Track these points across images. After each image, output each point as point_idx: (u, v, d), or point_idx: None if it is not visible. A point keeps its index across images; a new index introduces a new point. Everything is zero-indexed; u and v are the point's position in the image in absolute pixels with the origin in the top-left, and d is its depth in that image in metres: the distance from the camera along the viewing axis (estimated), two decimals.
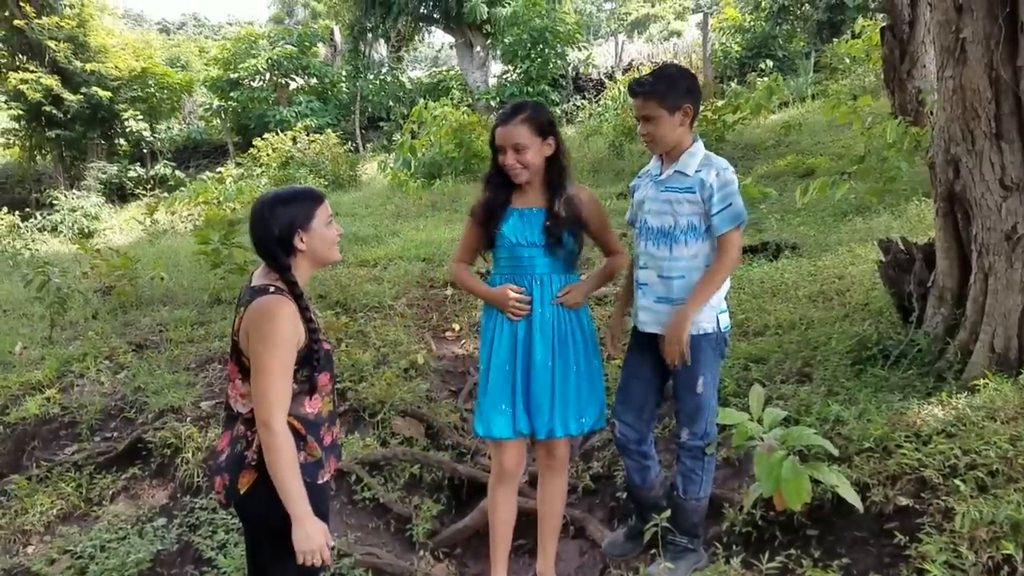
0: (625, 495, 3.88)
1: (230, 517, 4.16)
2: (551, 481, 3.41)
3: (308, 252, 2.52)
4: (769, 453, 2.93)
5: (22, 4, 20.13)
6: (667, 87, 2.96)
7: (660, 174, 3.10)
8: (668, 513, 3.12)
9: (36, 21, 20.03)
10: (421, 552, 3.91)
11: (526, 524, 3.62)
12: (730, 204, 2.94)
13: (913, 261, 4.28)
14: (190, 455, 4.63)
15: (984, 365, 3.68)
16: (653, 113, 2.98)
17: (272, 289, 2.45)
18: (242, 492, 2.48)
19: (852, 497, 2.89)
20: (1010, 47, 3.53)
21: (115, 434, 5.21)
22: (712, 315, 3.06)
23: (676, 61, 21.44)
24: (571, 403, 3.22)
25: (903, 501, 3.05)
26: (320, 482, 2.56)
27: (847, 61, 16.40)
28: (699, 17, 24.60)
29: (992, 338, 3.70)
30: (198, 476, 4.52)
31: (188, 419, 4.97)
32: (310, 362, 2.49)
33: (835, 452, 3.01)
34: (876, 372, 4.01)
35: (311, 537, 2.40)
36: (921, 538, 2.85)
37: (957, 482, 2.97)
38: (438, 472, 4.38)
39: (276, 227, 2.46)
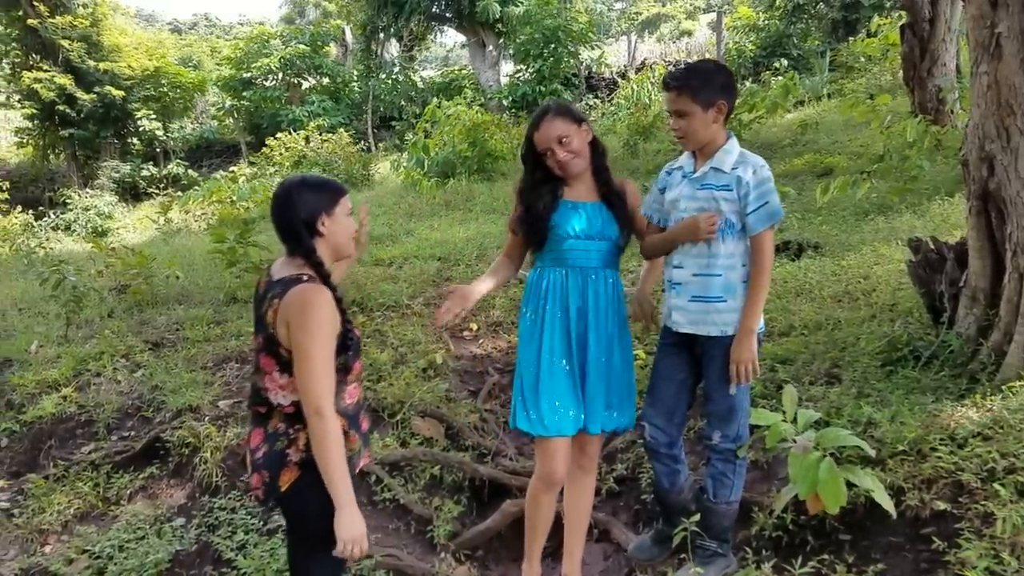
0: (651, 498, 3.82)
1: (250, 517, 4.13)
2: (581, 480, 3.34)
3: (329, 239, 2.53)
4: (805, 454, 2.87)
5: (36, 3, 20.20)
6: (701, 82, 2.89)
7: (694, 171, 3.02)
8: (697, 517, 3.05)
9: (50, 20, 20.11)
10: (442, 554, 3.85)
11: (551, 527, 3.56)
12: (766, 202, 2.87)
13: (944, 260, 4.20)
14: (208, 454, 4.59)
15: (1019, 367, 3.61)
16: (686, 108, 2.91)
17: (305, 278, 2.45)
18: (283, 490, 2.48)
19: (887, 503, 2.83)
20: None
21: (132, 433, 5.17)
22: None
23: (688, 61, 21.37)
24: (615, 399, 3.18)
25: (940, 505, 2.99)
26: (354, 474, 2.54)
27: (863, 60, 16.30)
28: (710, 17, 24.55)
29: None
30: (217, 476, 4.48)
31: (206, 418, 4.93)
32: (345, 348, 2.49)
33: (872, 453, 2.94)
34: (907, 373, 3.93)
35: (355, 525, 2.40)
36: (960, 543, 2.79)
37: (996, 486, 2.90)
38: (459, 473, 4.32)
39: (302, 209, 2.48)
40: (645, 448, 3.33)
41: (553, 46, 19.69)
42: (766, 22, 20.25)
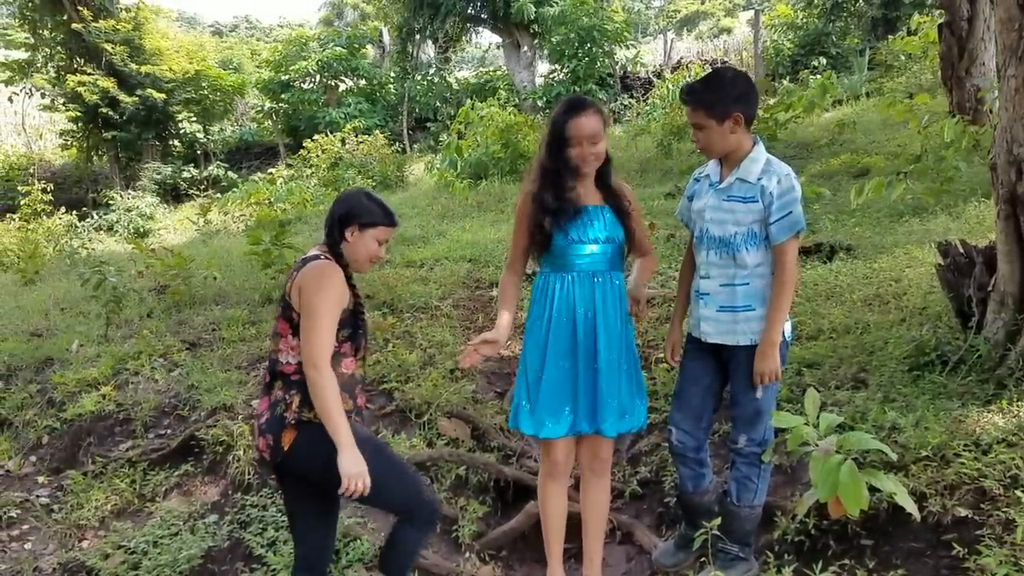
0: (675, 501, 3.84)
1: (280, 515, 4.20)
2: (595, 483, 3.39)
3: (350, 247, 2.87)
4: (826, 457, 2.87)
5: (80, 8, 20.60)
6: (714, 97, 2.90)
7: (720, 181, 3.04)
8: (719, 520, 3.07)
9: (93, 24, 20.48)
10: (467, 554, 3.90)
11: (571, 529, 3.59)
12: (789, 212, 2.88)
13: (973, 264, 4.17)
14: (241, 452, 4.68)
15: None
16: (702, 122, 2.94)
17: (323, 256, 2.83)
18: (286, 450, 2.78)
19: (910, 505, 2.82)
20: None
21: (168, 431, 5.30)
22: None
23: (729, 61, 21.23)
24: (627, 400, 3.23)
25: (962, 512, 2.98)
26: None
27: (903, 58, 16.08)
28: (749, 14, 24.34)
29: None
30: (249, 473, 4.57)
31: (240, 417, 5.03)
32: (354, 326, 2.84)
33: (894, 457, 2.94)
34: (934, 378, 3.91)
35: (356, 463, 2.68)
36: (980, 550, 2.78)
37: (1019, 493, 2.89)
38: (484, 474, 4.37)
39: (345, 209, 2.86)
40: (671, 451, 3.36)
41: (588, 46, 19.69)
42: (804, 20, 20.04)
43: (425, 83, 23.55)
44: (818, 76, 13.72)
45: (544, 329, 3.17)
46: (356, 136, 18.59)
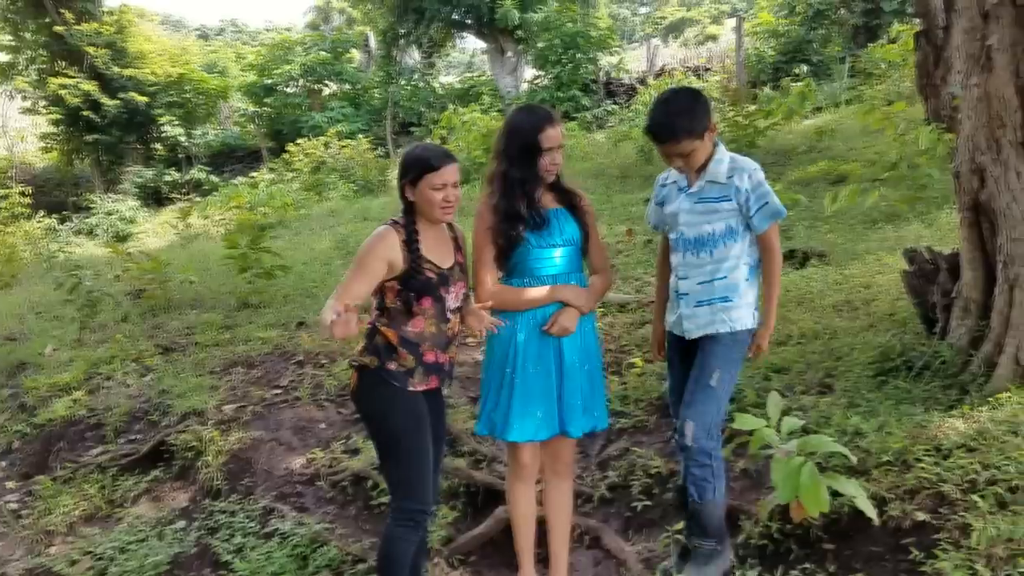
0: (642, 506, 3.85)
1: (248, 521, 4.20)
2: (559, 486, 3.41)
3: (417, 204, 2.96)
4: (787, 459, 2.89)
5: (62, 11, 20.52)
6: (691, 121, 2.95)
7: (690, 186, 3.09)
8: (681, 524, 3.08)
9: (75, 27, 20.42)
10: (436, 559, 3.89)
11: (537, 533, 3.59)
12: (766, 203, 2.98)
13: (938, 271, 4.21)
14: (211, 458, 4.67)
15: (1008, 378, 3.61)
16: (690, 147, 2.98)
17: (389, 222, 2.98)
18: (352, 389, 3.06)
19: (869, 510, 2.86)
20: None
21: (139, 436, 5.28)
22: (751, 312, 3.08)
23: (711, 68, 21.27)
24: (590, 401, 3.26)
25: (920, 516, 3.00)
26: (410, 389, 2.98)
27: (883, 66, 16.17)
28: (735, 21, 24.44)
29: (1017, 351, 3.63)
30: (218, 479, 4.56)
31: (210, 422, 5.02)
32: (408, 285, 2.92)
33: (854, 460, 2.96)
34: (899, 384, 3.94)
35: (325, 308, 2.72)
36: (937, 554, 2.80)
37: (976, 498, 2.92)
38: (454, 479, 4.37)
39: (400, 171, 2.99)
40: (682, 449, 3.35)
41: (572, 52, 19.75)
42: (787, 28, 20.15)
43: (409, 88, 23.56)
44: (799, 84, 13.82)
45: (510, 334, 3.18)
46: (339, 140, 18.57)
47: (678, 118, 2.97)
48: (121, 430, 5.35)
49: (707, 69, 21.53)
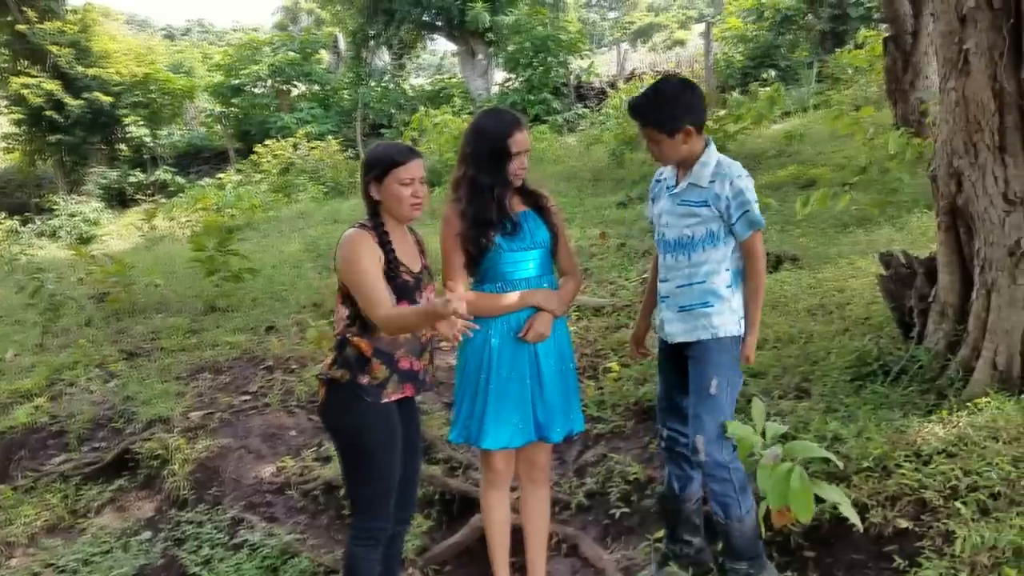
0: (620, 513, 3.80)
1: (216, 532, 4.10)
2: (536, 493, 3.36)
3: (384, 203, 2.86)
4: (775, 465, 2.84)
5: (24, 9, 20.15)
6: (662, 114, 2.90)
7: (675, 185, 3.04)
8: (661, 532, 3.02)
9: (38, 26, 20.08)
10: (410, 569, 3.81)
11: (514, 543, 3.53)
12: (746, 211, 2.89)
13: (914, 275, 4.20)
14: (177, 467, 4.56)
15: (986, 383, 3.60)
16: (654, 137, 2.94)
17: (356, 226, 2.87)
18: (320, 404, 2.96)
19: (853, 516, 2.81)
20: (1014, 58, 3.46)
21: (103, 444, 5.14)
22: (736, 319, 3.00)
23: (680, 72, 21.41)
24: (567, 404, 3.23)
25: (903, 523, 2.97)
26: (383, 401, 2.87)
27: (850, 71, 16.34)
28: (703, 26, 24.59)
29: (994, 355, 3.62)
30: (185, 489, 4.45)
31: (176, 430, 4.90)
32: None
33: (840, 465, 2.93)
34: (876, 388, 3.92)
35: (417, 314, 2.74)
36: (921, 562, 2.78)
37: (958, 504, 2.90)
38: (429, 487, 4.28)
39: (362, 171, 2.90)
40: (664, 450, 3.29)
41: (543, 55, 19.75)
42: (755, 33, 20.30)
43: (380, 89, 23.40)
44: (767, 88, 13.90)
45: (483, 340, 3.12)
46: (309, 142, 18.40)
47: (650, 104, 2.94)
48: (84, 438, 5.21)
49: (676, 74, 21.63)
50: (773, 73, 18.63)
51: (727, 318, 2.96)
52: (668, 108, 2.91)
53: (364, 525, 2.94)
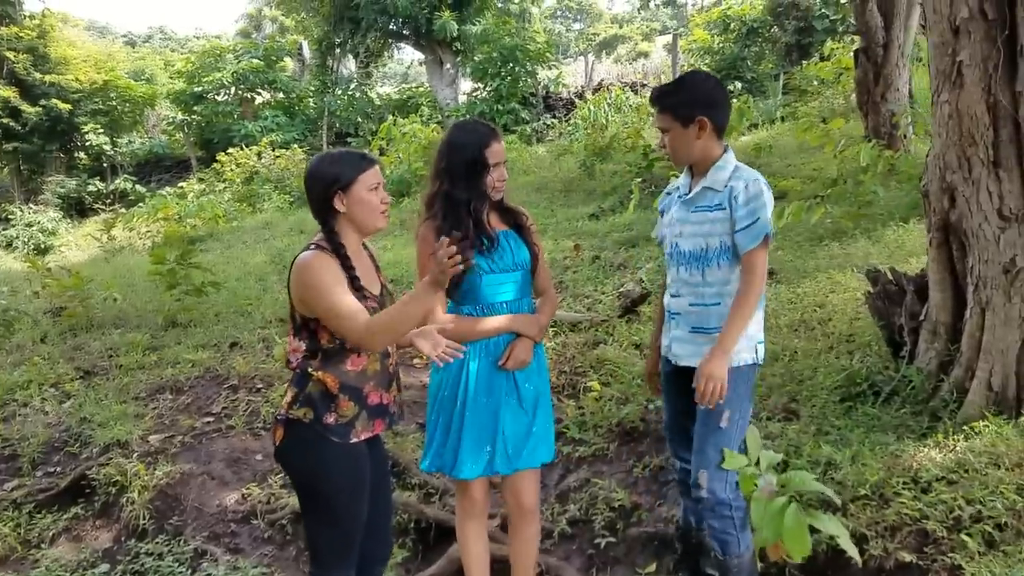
0: (605, 542, 3.64)
1: (177, 565, 3.88)
2: (524, 531, 3.20)
3: (348, 215, 2.60)
4: (769, 499, 2.69)
5: None
6: (679, 99, 2.80)
7: (688, 192, 2.89)
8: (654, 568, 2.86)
9: None
10: None
11: (498, 573, 3.36)
12: (757, 219, 2.69)
13: (903, 292, 4.10)
14: (136, 494, 4.32)
15: (981, 404, 3.50)
16: (667, 125, 2.82)
17: (312, 247, 2.58)
18: (276, 445, 2.65)
19: (852, 550, 2.66)
20: (1009, 71, 3.38)
21: (58, 469, 4.87)
22: (751, 345, 2.81)
23: (648, 84, 21.43)
24: (543, 430, 3.11)
25: (905, 556, 2.85)
26: (352, 441, 2.61)
27: (816, 83, 16.42)
28: (666, 39, 24.68)
29: (989, 376, 3.52)
30: (144, 518, 4.21)
31: (135, 454, 4.66)
32: None
33: (838, 502, 2.79)
34: (867, 410, 3.80)
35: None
36: None
37: (963, 537, 2.77)
38: (404, 514, 4.09)
39: (319, 185, 2.58)
40: (679, 483, 3.14)
41: (511, 65, 19.63)
42: (721, 45, 20.36)
43: (346, 98, 23.10)
44: (735, 100, 13.90)
45: (460, 364, 2.96)
46: (273, 150, 18.10)
47: (672, 89, 2.87)
48: (38, 462, 4.93)
49: (643, 85, 21.61)
50: (739, 85, 18.68)
51: (742, 344, 2.75)
52: (685, 94, 2.81)
53: (323, 574, 2.70)
